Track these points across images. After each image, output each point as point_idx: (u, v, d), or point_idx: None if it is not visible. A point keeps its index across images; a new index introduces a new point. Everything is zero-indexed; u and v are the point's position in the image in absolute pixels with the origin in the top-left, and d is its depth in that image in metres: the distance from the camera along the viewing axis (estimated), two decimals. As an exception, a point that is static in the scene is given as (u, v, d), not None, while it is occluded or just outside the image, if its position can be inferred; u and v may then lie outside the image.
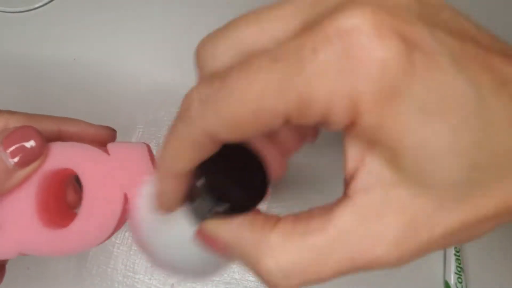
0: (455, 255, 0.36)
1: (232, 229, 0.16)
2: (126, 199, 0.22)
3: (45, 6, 0.40)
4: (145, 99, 0.38)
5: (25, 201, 0.21)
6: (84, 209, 0.21)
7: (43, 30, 0.39)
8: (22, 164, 0.20)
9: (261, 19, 0.14)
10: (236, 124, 0.13)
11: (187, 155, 0.15)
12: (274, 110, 0.13)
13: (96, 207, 0.21)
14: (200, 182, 0.16)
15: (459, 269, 0.35)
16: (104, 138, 0.25)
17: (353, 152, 0.14)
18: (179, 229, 0.19)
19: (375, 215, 0.14)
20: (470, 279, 0.36)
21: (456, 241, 0.14)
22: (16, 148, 0.20)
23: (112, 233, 0.22)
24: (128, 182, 0.22)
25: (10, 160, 0.20)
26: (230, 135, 0.14)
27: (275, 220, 0.15)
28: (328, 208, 0.15)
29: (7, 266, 0.26)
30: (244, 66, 0.13)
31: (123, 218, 0.23)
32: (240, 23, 0.14)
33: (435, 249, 0.14)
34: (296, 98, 0.13)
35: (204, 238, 0.17)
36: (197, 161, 0.15)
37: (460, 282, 0.35)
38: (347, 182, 0.15)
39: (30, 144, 0.20)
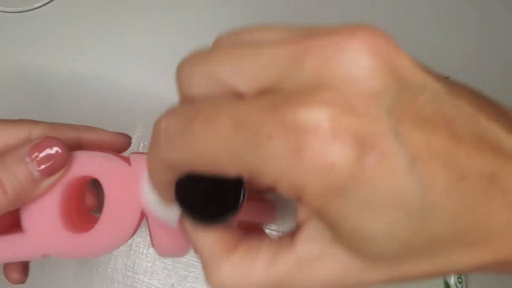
0: (455, 255, 0.36)
1: (200, 237, 0.18)
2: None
3: (45, 6, 0.40)
4: (146, 99, 0.38)
5: (50, 207, 0.22)
6: (105, 215, 0.23)
7: (43, 30, 0.39)
8: (47, 174, 0.21)
9: (239, 61, 0.14)
10: (196, 167, 0.14)
11: (161, 174, 0.17)
12: (226, 169, 0.14)
13: (117, 214, 0.23)
14: (174, 193, 0.18)
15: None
16: (120, 144, 0.26)
17: (302, 210, 0.16)
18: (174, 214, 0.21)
19: (312, 262, 0.15)
20: (470, 279, 0.36)
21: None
22: (42, 158, 0.21)
23: (129, 238, 0.23)
24: None
25: (37, 170, 0.21)
26: (192, 170, 0.15)
27: (235, 244, 0.17)
28: (275, 247, 0.16)
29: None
30: (209, 118, 0.14)
31: (139, 223, 0.24)
32: (220, 57, 0.15)
33: None
34: (247, 169, 0.13)
35: (182, 229, 0.20)
36: (171, 179, 0.17)
37: (460, 282, 0.35)
38: (297, 227, 0.16)
39: (55, 154, 0.21)
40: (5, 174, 0.21)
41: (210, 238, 0.18)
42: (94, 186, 0.28)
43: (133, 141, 0.37)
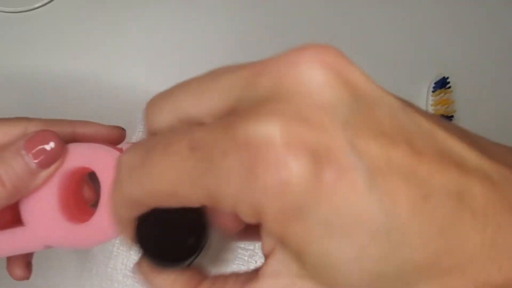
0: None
1: (158, 279, 0.18)
2: None
3: (45, 6, 0.40)
4: (145, 99, 0.38)
5: (49, 198, 0.23)
6: (102, 204, 0.23)
7: (43, 30, 0.39)
8: (44, 165, 0.22)
9: (198, 91, 0.14)
10: (157, 199, 0.14)
11: (123, 212, 0.16)
12: (187, 198, 0.13)
13: None
14: (134, 230, 0.17)
15: None
16: (115, 137, 0.27)
17: (267, 239, 0.15)
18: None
19: None
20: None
21: None
22: (38, 151, 0.21)
23: None
24: None
25: (33, 162, 0.21)
26: (155, 204, 0.15)
27: (196, 283, 0.17)
28: (241, 284, 0.16)
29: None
30: (166, 146, 0.14)
31: None
32: (181, 90, 0.15)
33: None
34: (206, 193, 0.13)
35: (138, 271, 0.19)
36: (132, 217, 0.16)
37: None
38: (264, 259, 0.15)
39: (50, 146, 0.22)
40: (2, 168, 0.21)
41: (169, 280, 0.17)
42: (92, 180, 0.28)
43: (133, 141, 0.37)
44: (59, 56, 0.39)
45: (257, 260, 0.35)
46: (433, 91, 0.41)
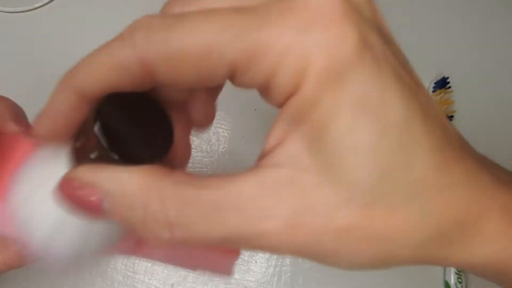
0: (455, 255, 0.36)
1: (115, 175, 0.13)
2: None
3: (45, 6, 0.40)
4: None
5: None
6: None
7: (43, 30, 0.39)
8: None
9: None
10: (179, 60, 0.13)
11: (106, 75, 0.14)
12: (223, 54, 0.13)
13: None
14: (95, 116, 0.14)
15: (459, 269, 0.35)
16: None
17: (279, 128, 0.14)
18: (47, 176, 0.15)
19: (276, 191, 0.13)
20: (470, 279, 0.36)
21: (350, 242, 0.13)
22: None
23: None
24: None
25: None
26: (167, 71, 0.13)
27: (169, 170, 0.14)
28: (232, 174, 0.14)
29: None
30: (205, 10, 0.13)
31: None
32: None
33: (328, 243, 0.13)
34: (247, 50, 0.13)
35: (71, 191, 0.14)
36: (112, 86, 0.14)
37: (460, 282, 0.35)
38: (262, 156, 0.14)
39: None
40: None
41: (132, 169, 0.13)
42: None
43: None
44: (59, 56, 0.39)
45: (257, 260, 0.35)
46: (433, 91, 0.41)
